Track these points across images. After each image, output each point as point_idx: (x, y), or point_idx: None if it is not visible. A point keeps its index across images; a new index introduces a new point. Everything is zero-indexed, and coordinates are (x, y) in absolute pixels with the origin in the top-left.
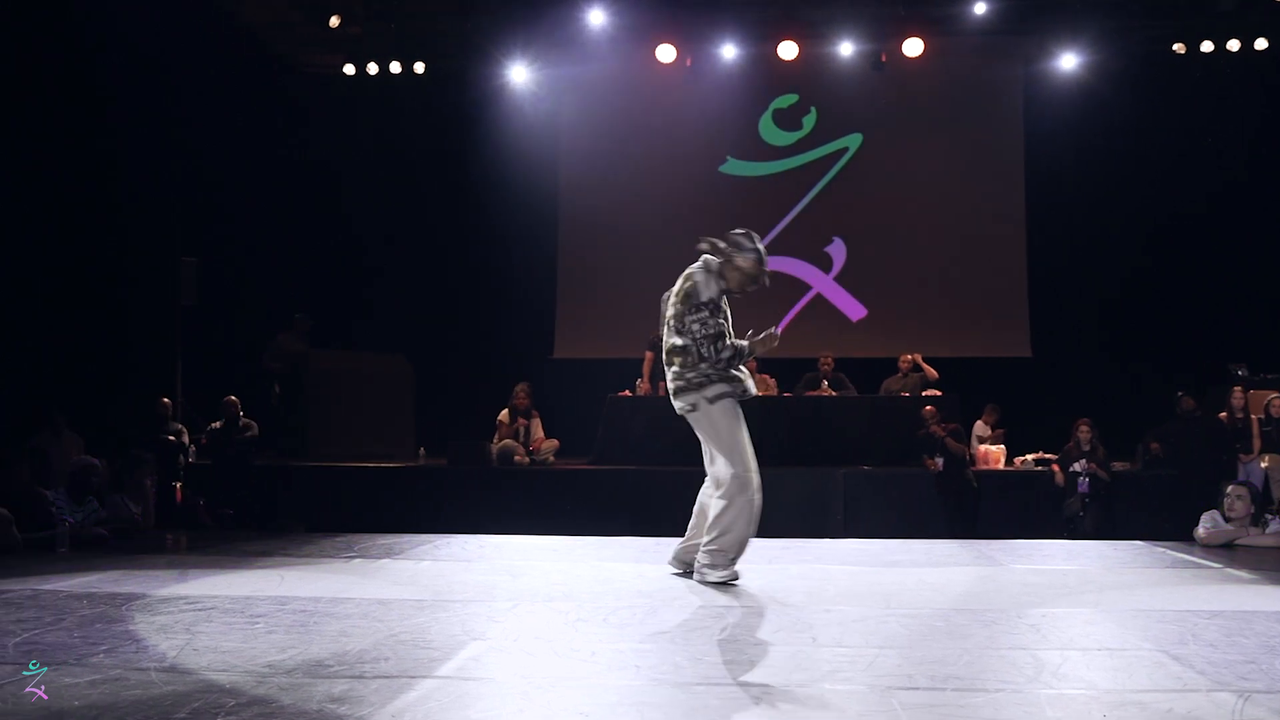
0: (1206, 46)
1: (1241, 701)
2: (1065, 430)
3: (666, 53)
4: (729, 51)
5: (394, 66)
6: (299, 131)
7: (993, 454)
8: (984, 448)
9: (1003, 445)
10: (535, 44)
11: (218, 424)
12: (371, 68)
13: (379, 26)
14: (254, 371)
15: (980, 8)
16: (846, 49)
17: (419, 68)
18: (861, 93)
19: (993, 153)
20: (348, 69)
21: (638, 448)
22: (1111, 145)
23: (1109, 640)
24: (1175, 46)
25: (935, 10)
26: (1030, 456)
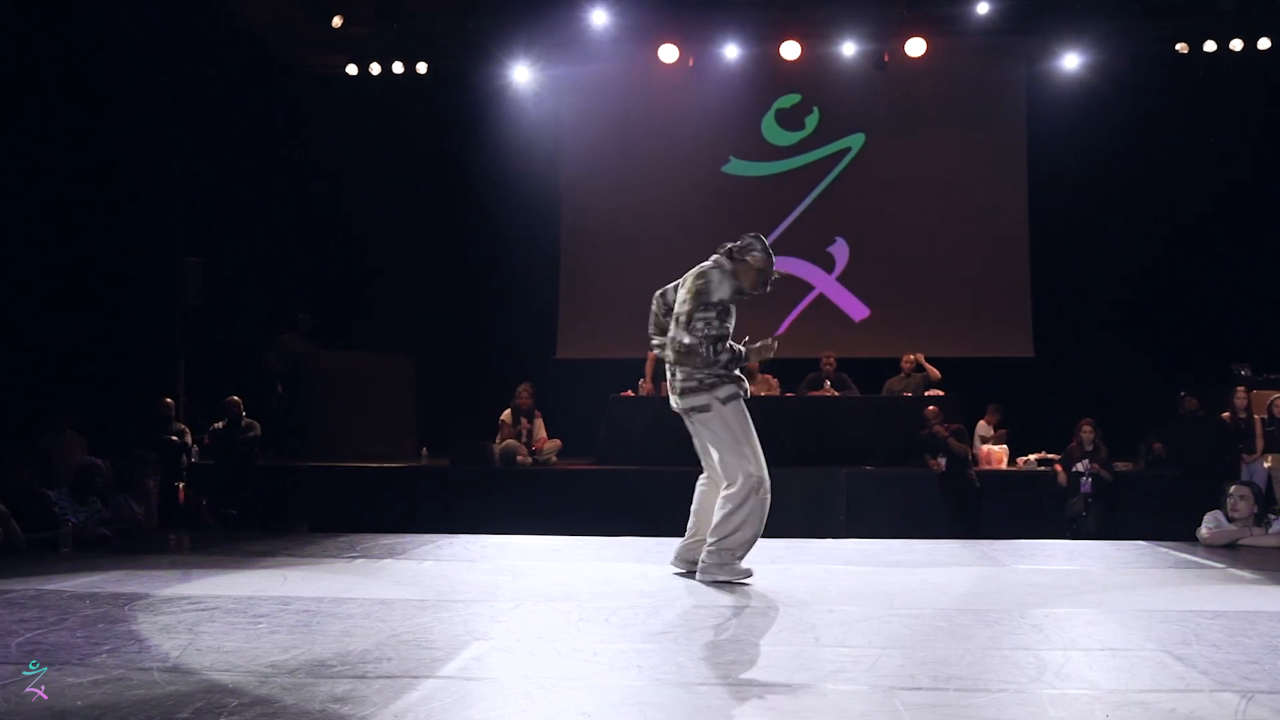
0: (1209, 46)
1: (1245, 702)
2: (1068, 430)
3: (669, 53)
4: (731, 51)
5: (396, 67)
6: (302, 131)
7: (995, 454)
8: (986, 448)
9: (1005, 445)
10: (538, 44)
11: (220, 424)
12: (374, 68)
13: (381, 27)
14: (256, 371)
15: (983, 8)
16: (849, 49)
17: (421, 68)
18: (864, 93)
19: (995, 153)
20: (350, 69)
21: (640, 448)
22: (1114, 145)
23: (1112, 640)
24: (1178, 46)
25: (938, 10)
26: (1033, 456)
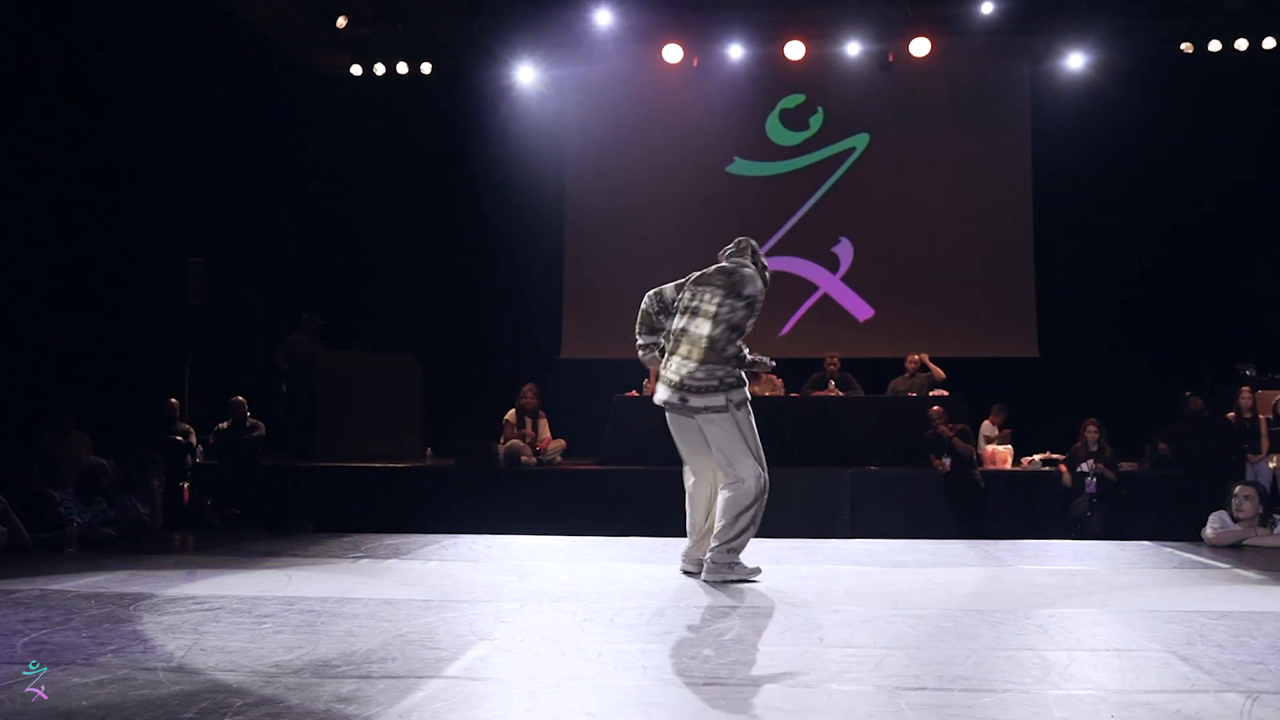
0: (1214, 46)
1: (1250, 702)
2: (1072, 430)
3: (673, 53)
4: (736, 51)
5: (401, 67)
6: (304, 131)
7: (1000, 454)
8: (991, 448)
9: (1010, 445)
10: (542, 44)
11: (225, 424)
12: (378, 68)
13: (386, 27)
14: (261, 371)
15: (987, 7)
16: (853, 49)
17: (426, 68)
18: (868, 92)
19: (1000, 153)
20: (355, 69)
21: (645, 448)
22: (1119, 145)
23: (1116, 641)
24: (1183, 46)
25: (942, 10)
26: (1037, 457)
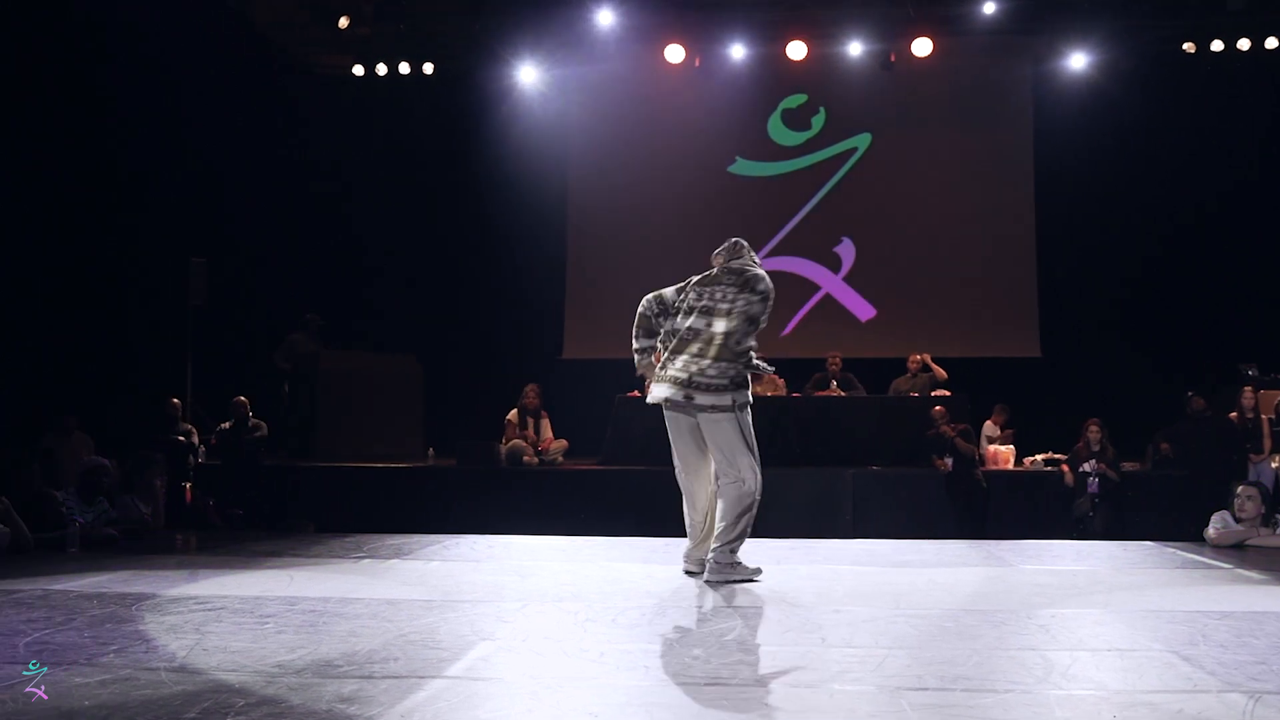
0: (1217, 46)
1: (1252, 702)
2: (1074, 430)
3: (675, 53)
4: (738, 52)
5: (403, 67)
6: (307, 132)
7: (1002, 454)
8: (993, 448)
9: (1012, 445)
10: (544, 44)
11: (227, 424)
12: (380, 68)
13: (387, 27)
14: (263, 371)
15: (989, 7)
16: (855, 49)
17: (428, 68)
18: (870, 92)
19: (1002, 153)
20: (356, 69)
21: (647, 448)
22: (1121, 145)
23: (1119, 641)
24: (1185, 46)
25: (944, 10)
26: (1039, 457)
